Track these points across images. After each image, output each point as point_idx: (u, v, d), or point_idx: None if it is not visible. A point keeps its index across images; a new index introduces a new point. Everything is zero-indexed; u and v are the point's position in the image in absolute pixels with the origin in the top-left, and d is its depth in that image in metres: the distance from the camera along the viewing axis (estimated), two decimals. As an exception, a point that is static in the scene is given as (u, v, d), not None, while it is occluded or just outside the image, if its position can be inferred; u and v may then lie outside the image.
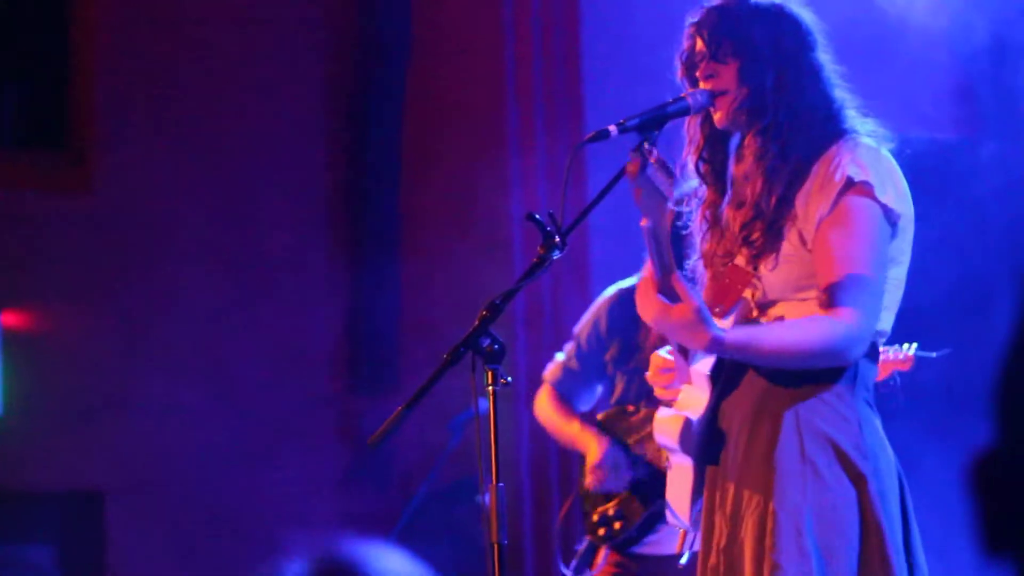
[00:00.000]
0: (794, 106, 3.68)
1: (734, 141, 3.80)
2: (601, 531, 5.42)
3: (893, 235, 3.65)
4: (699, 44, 3.75)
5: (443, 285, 7.93)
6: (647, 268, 3.59)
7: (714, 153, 3.82)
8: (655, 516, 5.31)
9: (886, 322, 3.70)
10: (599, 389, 5.63)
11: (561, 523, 5.82)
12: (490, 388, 3.61)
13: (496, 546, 3.57)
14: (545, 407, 5.67)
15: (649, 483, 5.34)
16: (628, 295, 5.34)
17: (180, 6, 8.32)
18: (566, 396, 5.65)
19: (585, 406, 5.64)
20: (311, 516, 8.06)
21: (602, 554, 5.48)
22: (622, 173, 3.58)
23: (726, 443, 3.72)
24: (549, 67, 7.62)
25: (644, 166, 3.45)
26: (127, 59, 8.26)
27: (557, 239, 3.62)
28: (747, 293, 3.71)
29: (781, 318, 3.67)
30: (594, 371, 5.57)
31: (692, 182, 3.83)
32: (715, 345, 3.56)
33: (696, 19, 3.77)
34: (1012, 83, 6.96)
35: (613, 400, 5.53)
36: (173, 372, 8.09)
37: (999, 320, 6.67)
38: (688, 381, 3.75)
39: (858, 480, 3.59)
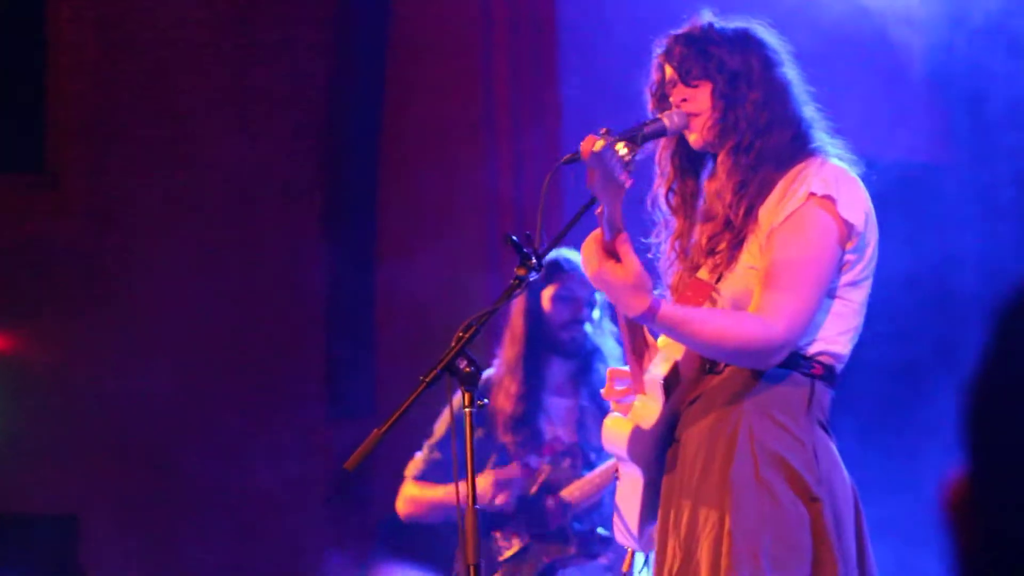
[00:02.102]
0: (765, 123, 3.71)
1: (705, 172, 3.82)
2: None
3: (855, 254, 3.66)
4: (669, 72, 3.77)
5: (420, 278, 7.95)
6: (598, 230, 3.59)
7: (684, 185, 3.84)
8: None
9: (847, 347, 3.71)
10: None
11: None
12: (466, 410, 3.61)
13: (472, 567, 3.57)
14: (410, 494, 5.57)
15: (531, 545, 5.35)
16: (485, 386, 5.40)
17: (157, 27, 8.33)
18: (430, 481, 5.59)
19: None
20: (295, 533, 8.05)
21: None
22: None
23: (682, 460, 3.73)
24: (521, 60, 7.66)
25: (602, 149, 3.39)
26: (104, 81, 8.27)
27: (534, 260, 3.63)
28: (707, 306, 3.72)
29: None
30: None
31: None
32: (649, 313, 3.54)
33: (663, 48, 3.80)
34: (987, 107, 6.98)
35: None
36: (152, 395, 8.08)
37: (973, 345, 6.69)
38: (642, 391, 3.75)
39: (812, 502, 3.60)
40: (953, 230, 6.87)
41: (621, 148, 3.42)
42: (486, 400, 3.70)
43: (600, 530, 5.42)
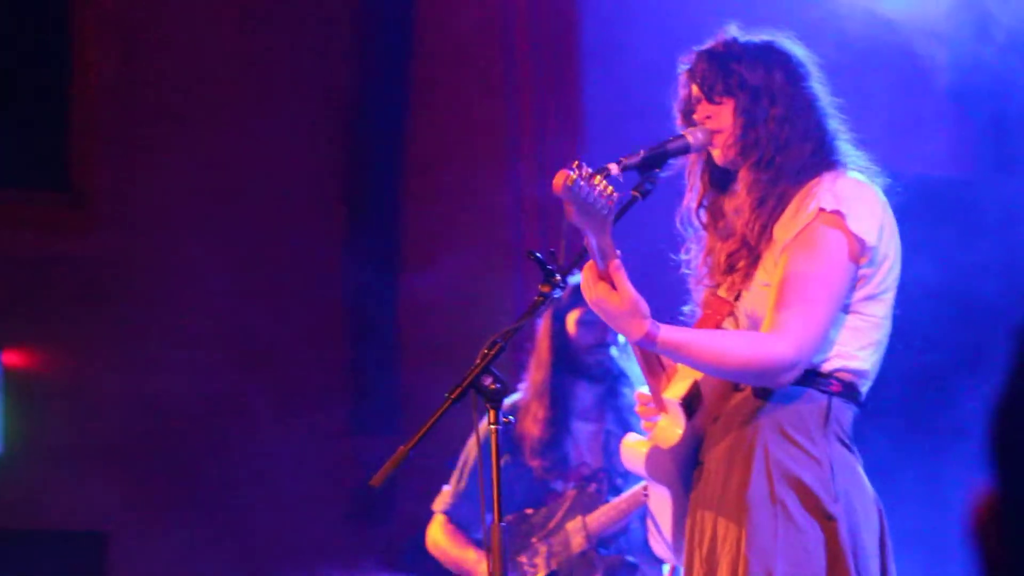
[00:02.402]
0: (785, 138, 3.69)
1: (735, 187, 3.81)
2: None
3: (871, 268, 3.65)
4: (694, 90, 3.77)
5: (444, 285, 7.96)
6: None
7: (714, 200, 3.83)
8: None
9: (868, 362, 3.68)
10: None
11: None
12: (492, 427, 3.61)
13: (498, 586, 3.57)
14: (438, 538, 5.55)
15: (557, 572, 5.34)
16: (512, 410, 5.43)
17: (180, 46, 8.35)
18: (460, 522, 5.57)
19: (478, 531, 5.51)
20: (318, 548, 8.05)
21: None
22: (622, 212, 3.58)
23: (705, 478, 3.72)
24: (544, 64, 7.66)
25: (572, 182, 3.37)
26: (127, 100, 8.29)
27: (558, 277, 3.62)
28: (728, 323, 3.71)
29: None
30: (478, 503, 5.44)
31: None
32: (646, 338, 3.53)
33: (688, 66, 3.79)
34: (1009, 119, 6.97)
35: (509, 502, 5.40)
36: (175, 411, 8.09)
37: (997, 354, 6.66)
38: (664, 410, 3.75)
39: (827, 521, 3.58)
40: (977, 241, 6.86)
41: (598, 181, 3.41)
42: (512, 418, 3.70)
43: (629, 557, 5.38)
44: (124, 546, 8.08)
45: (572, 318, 5.49)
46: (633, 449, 3.79)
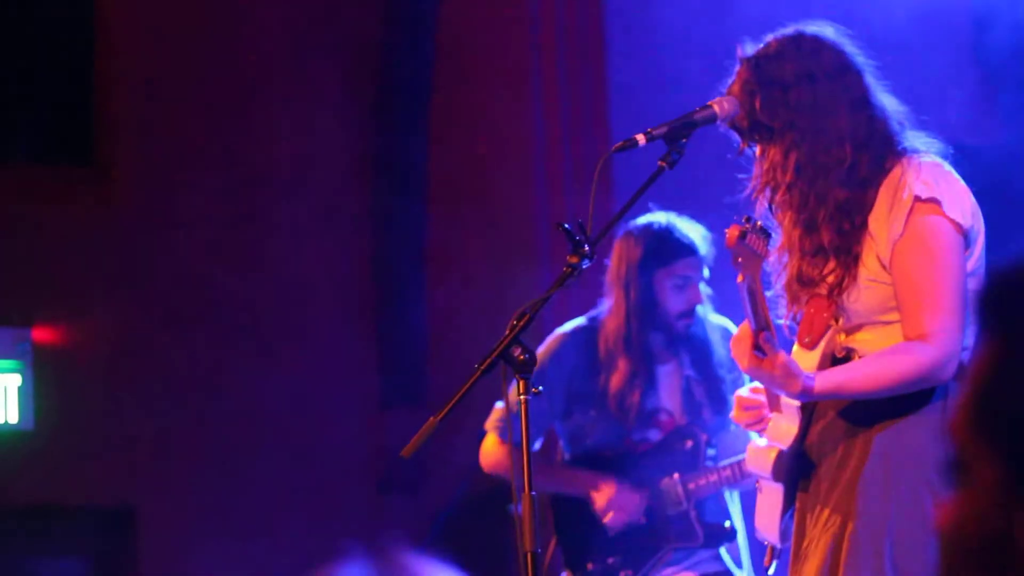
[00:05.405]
0: (850, 139, 3.70)
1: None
2: None
3: (969, 248, 3.68)
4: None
5: (469, 284, 7.96)
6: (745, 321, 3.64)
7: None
8: (659, 562, 5.26)
9: (969, 336, 3.71)
10: (547, 430, 5.40)
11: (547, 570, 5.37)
12: (521, 397, 3.62)
13: (529, 555, 3.58)
14: (494, 452, 5.33)
15: (648, 527, 5.28)
16: (586, 334, 5.33)
17: (204, 22, 8.35)
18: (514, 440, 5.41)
19: (534, 444, 5.31)
20: (345, 526, 8.07)
21: None
22: (650, 182, 3.61)
23: (817, 473, 3.77)
24: (572, 54, 7.64)
25: (743, 234, 3.46)
26: (151, 74, 8.30)
27: (586, 248, 3.63)
28: (833, 321, 3.74)
29: (867, 342, 3.71)
30: (548, 412, 5.31)
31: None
32: (804, 393, 3.62)
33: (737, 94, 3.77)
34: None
35: (581, 446, 5.34)
36: (202, 385, 8.12)
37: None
38: (777, 410, 3.79)
39: (940, 507, 3.62)
40: (1007, 210, 6.82)
41: (760, 228, 3.51)
42: (541, 388, 3.70)
43: (727, 523, 5.30)
44: (153, 521, 8.11)
45: (663, 280, 5.27)
46: (760, 454, 3.90)
